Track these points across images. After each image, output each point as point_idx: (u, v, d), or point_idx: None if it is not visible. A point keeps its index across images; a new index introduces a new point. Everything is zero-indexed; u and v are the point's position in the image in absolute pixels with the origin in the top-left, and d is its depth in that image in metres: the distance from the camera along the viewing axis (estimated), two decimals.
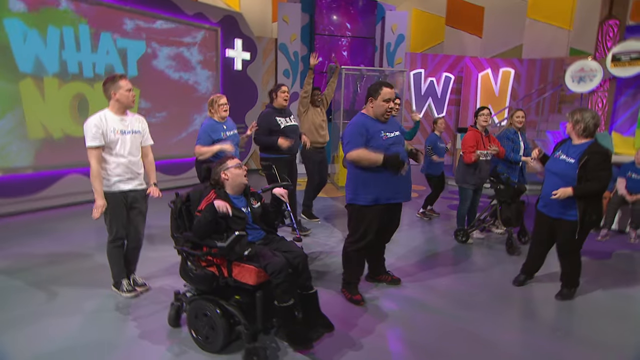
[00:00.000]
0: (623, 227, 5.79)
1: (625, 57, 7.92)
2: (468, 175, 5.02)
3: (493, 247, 5.08)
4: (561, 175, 3.44)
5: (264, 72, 9.98)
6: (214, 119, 4.23)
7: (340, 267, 4.19)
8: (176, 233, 2.80)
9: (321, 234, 5.34)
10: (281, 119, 4.84)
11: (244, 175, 2.88)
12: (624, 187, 5.58)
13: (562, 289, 3.74)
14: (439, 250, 4.90)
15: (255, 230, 2.87)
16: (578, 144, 3.45)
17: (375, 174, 3.22)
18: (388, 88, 3.25)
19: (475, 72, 11.45)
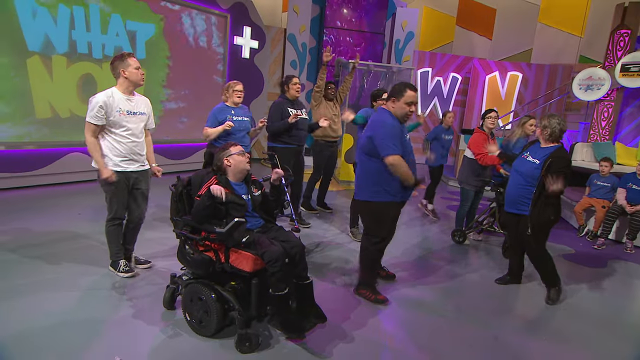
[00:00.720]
0: (620, 237, 5.81)
1: (634, 68, 7.89)
2: (471, 177, 5.03)
3: (489, 250, 5.11)
4: (525, 175, 3.67)
5: (272, 62, 9.97)
6: (225, 103, 4.29)
7: (337, 259, 4.26)
8: (176, 216, 2.82)
9: (319, 226, 5.36)
10: (293, 110, 4.89)
11: (246, 162, 2.89)
12: (623, 198, 5.59)
13: (548, 292, 3.81)
14: (435, 249, 4.93)
15: (255, 218, 2.89)
16: (545, 147, 3.70)
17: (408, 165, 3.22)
18: (412, 91, 3.20)
19: (482, 74, 11.43)
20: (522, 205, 3.70)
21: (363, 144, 3.25)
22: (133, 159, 3.32)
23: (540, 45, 11.46)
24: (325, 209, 6.00)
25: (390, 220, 3.36)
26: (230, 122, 4.24)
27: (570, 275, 4.54)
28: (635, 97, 8.52)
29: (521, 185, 3.70)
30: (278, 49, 9.97)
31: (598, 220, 5.75)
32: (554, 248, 5.34)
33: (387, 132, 3.11)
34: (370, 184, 3.24)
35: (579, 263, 4.93)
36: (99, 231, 4.36)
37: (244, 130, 4.34)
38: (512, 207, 3.80)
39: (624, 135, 8.72)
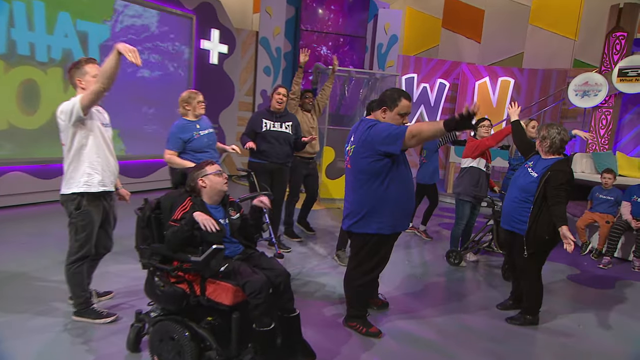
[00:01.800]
0: (626, 255, 5.99)
1: (632, 73, 8.24)
2: (469, 187, 5.12)
3: (488, 271, 5.18)
4: (522, 189, 3.71)
5: (243, 68, 10.00)
6: (185, 119, 4.21)
7: (323, 287, 4.25)
8: (142, 244, 2.77)
9: (301, 250, 5.35)
10: (268, 122, 4.91)
11: (224, 184, 2.88)
12: (628, 212, 5.77)
13: (521, 315, 3.86)
14: (430, 273, 4.97)
15: (233, 244, 2.86)
16: (545, 159, 3.74)
17: (397, 195, 3.10)
18: (407, 100, 3.07)
19: (472, 80, 11.71)
20: (516, 222, 3.75)
21: (361, 163, 3.10)
22: (111, 176, 3.24)
23: (532, 48, 11.86)
24: (308, 230, 5.98)
25: (383, 254, 3.33)
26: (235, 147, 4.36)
27: (577, 298, 4.64)
28: (634, 103, 8.88)
29: (516, 199, 3.74)
30: (249, 54, 10.02)
31: (602, 237, 5.91)
32: (558, 268, 5.46)
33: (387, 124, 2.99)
34: (366, 213, 3.13)
35: (585, 284, 5.05)
36: (48, 265, 4.24)
37: (213, 143, 4.32)
38: (506, 223, 3.87)
39: (624, 144, 9.06)
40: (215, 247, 2.51)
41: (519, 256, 3.77)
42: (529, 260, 3.72)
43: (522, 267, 3.82)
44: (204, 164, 2.92)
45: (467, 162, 5.20)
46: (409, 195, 3.18)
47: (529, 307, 3.86)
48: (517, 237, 3.77)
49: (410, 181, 3.19)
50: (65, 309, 3.43)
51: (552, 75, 11.33)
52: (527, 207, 3.68)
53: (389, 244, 3.30)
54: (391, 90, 3.17)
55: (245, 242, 2.95)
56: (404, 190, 3.13)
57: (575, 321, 4.00)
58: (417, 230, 6.52)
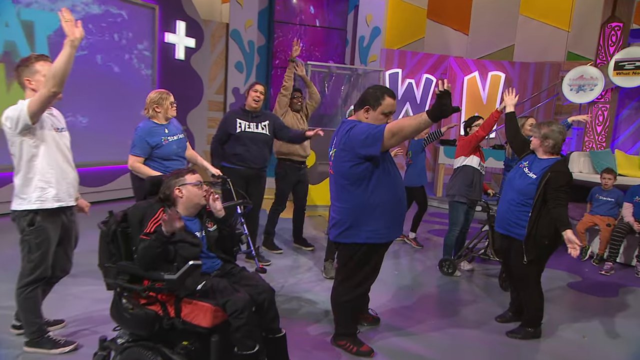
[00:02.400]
0: (629, 259, 6.13)
1: (629, 65, 8.46)
2: (464, 187, 5.16)
3: (485, 281, 5.23)
4: (519, 191, 3.75)
5: (212, 64, 9.91)
6: (153, 121, 4.12)
7: (309, 303, 4.23)
8: (108, 263, 2.69)
9: (284, 262, 5.32)
10: (242, 122, 4.87)
11: (202, 197, 2.84)
12: (631, 214, 5.90)
13: (521, 329, 3.91)
14: (422, 284, 4.98)
15: (211, 260, 2.82)
16: (543, 159, 3.79)
17: (385, 200, 3.08)
18: (391, 98, 3.06)
19: (460, 75, 11.87)
20: (513, 227, 3.79)
21: (342, 168, 3.11)
22: (69, 188, 3.11)
23: (524, 40, 12.08)
24: (306, 247, 5.91)
25: (373, 266, 3.31)
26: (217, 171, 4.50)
27: (579, 307, 4.71)
28: (631, 98, 9.12)
29: (513, 202, 3.78)
30: (219, 48, 9.94)
31: (603, 241, 6.04)
32: (557, 275, 5.55)
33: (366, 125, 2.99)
34: (353, 221, 3.12)
35: (586, 292, 5.13)
36: None
37: (182, 150, 4.25)
38: (501, 227, 3.91)
39: (622, 141, 9.29)
40: (192, 264, 2.46)
41: (517, 263, 3.81)
42: (528, 267, 3.76)
43: (520, 275, 3.86)
44: (184, 171, 2.88)
45: (460, 160, 5.25)
46: (398, 200, 3.17)
47: (530, 318, 3.89)
48: (514, 242, 3.81)
49: (398, 184, 3.19)
50: (15, 340, 3.29)
51: (545, 69, 11.55)
52: (525, 211, 3.71)
53: (379, 254, 3.29)
54: (374, 88, 3.16)
55: (224, 257, 2.91)
56: (392, 194, 3.12)
57: (579, 332, 4.06)
58: (407, 238, 6.55)
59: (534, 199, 3.66)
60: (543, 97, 11.35)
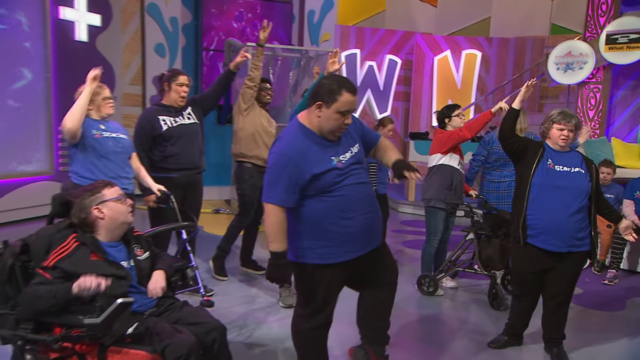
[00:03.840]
0: (634, 265, 6.39)
1: (622, 39, 8.82)
2: (442, 190, 5.23)
3: (472, 300, 5.32)
4: (580, 191, 3.86)
5: (125, 47, 9.65)
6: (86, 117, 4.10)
7: (266, 339, 4.21)
8: (3, 309, 2.64)
9: (233, 290, 5.27)
10: (167, 118, 4.77)
11: (128, 213, 2.82)
12: (633, 212, 6.15)
13: (554, 349, 4.09)
14: (400, 307, 4.97)
15: (143, 295, 2.79)
16: (569, 152, 4.00)
17: (320, 214, 3.05)
18: (351, 94, 3.00)
19: (429, 55, 12.08)
20: (580, 239, 3.88)
21: None
22: None
23: (501, 12, 12.43)
24: (256, 270, 5.84)
25: (326, 291, 3.23)
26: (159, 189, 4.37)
27: (582, 324, 4.87)
28: (626, 77, 9.52)
29: (577, 208, 3.83)
30: (133, 27, 9.69)
31: (604, 245, 6.27)
32: None
33: (271, 164, 3.03)
34: (292, 234, 3.12)
35: (589, 306, 5.32)
36: None
37: (123, 152, 4.16)
38: (563, 243, 3.87)
39: (617, 127, 9.69)
40: (121, 302, 2.42)
41: (573, 279, 4.02)
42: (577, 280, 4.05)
43: (568, 294, 4.08)
44: (99, 185, 2.83)
45: (435, 158, 5.32)
46: (347, 212, 3.09)
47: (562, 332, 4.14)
48: (573, 256, 3.92)
49: (355, 194, 3.11)
50: None
51: (527, 45, 11.92)
52: (585, 214, 3.90)
53: (327, 279, 3.19)
54: (330, 79, 3.09)
55: None
56: (339, 206, 3.07)
57: (587, 354, 4.20)
58: None
59: (590, 198, 3.89)
60: (526, 78, 11.64)
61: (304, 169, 2.93)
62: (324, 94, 3.00)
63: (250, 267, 5.88)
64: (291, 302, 4.81)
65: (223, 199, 9.66)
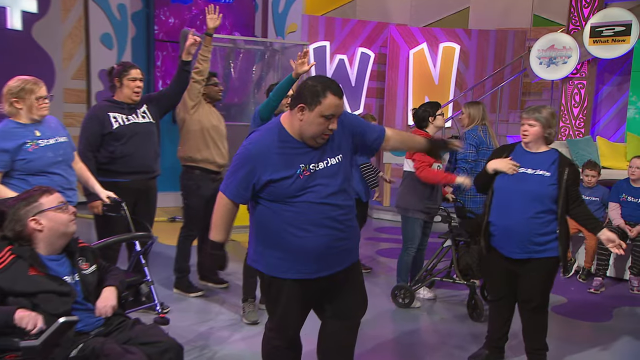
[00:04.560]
0: (621, 273, 6.52)
1: (607, 31, 9.01)
2: (419, 198, 5.25)
3: (450, 311, 5.37)
4: (540, 197, 3.89)
5: (66, 37, 9.49)
6: (13, 120, 3.96)
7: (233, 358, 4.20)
8: None
9: (191, 305, 5.25)
10: (118, 116, 4.70)
11: (70, 222, 2.78)
12: (619, 216, 6.30)
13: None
14: (373, 320, 4.97)
15: (90, 313, 2.77)
16: (539, 152, 4.02)
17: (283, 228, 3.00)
18: (336, 97, 2.94)
19: (404, 48, 12.17)
20: (537, 245, 3.91)
21: None
22: None
23: (480, 2, 12.60)
24: (216, 283, 5.83)
25: (284, 305, 3.19)
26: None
27: (567, 336, 4.95)
28: (612, 72, 9.71)
29: (533, 213, 3.88)
30: (76, 14, 9.52)
31: (589, 252, 6.38)
32: None
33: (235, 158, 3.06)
34: (250, 235, 3.17)
35: (574, 317, 5.41)
36: None
37: (64, 159, 4.06)
38: (515, 250, 3.96)
39: (603, 125, 9.87)
40: (63, 321, 2.40)
41: (542, 288, 4.02)
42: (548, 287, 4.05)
43: (544, 302, 4.09)
44: (36, 193, 2.79)
45: (410, 164, 5.33)
46: (299, 230, 3.01)
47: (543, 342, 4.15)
48: (536, 263, 3.95)
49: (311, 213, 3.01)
50: None
51: (509, 38, 12.10)
52: (549, 220, 3.91)
53: (285, 294, 3.16)
54: (314, 80, 3.03)
55: None
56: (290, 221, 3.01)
57: None
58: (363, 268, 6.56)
59: (557, 202, 3.89)
60: (507, 73, 11.86)
61: (260, 171, 2.93)
62: (307, 96, 2.92)
63: (209, 280, 5.86)
64: (255, 318, 4.81)
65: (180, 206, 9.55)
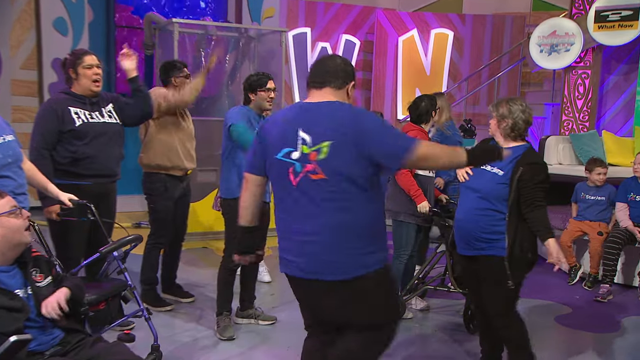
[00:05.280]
0: (629, 279, 6.56)
1: (613, 16, 9.04)
2: (410, 201, 5.23)
3: (445, 323, 5.38)
4: (485, 194, 3.94)
5: (14, 21, 9.39)
6: None
7: None
8: None
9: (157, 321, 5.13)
10: (80, 112, 4.66)
11: (24, 230, 2.76)
12: (627, 217, 6.33)
13: None
14: None
15: (44, 331, 2.75)
16: (507, 147, 3.93)
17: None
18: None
19: (393, 35, 12.13)
20: (481, 242, 3.95)
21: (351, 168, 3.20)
22: None
23: None
24: (183, 297, 5.81)
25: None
26: None
27: (573, 349, 4.96)
28: (619, 60, 9.74)
29: (480, 210, 3.95)
30: None
31: (594, 255, 6.41)
32: (540, 307, 5.85)
33: None
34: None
35: (580, 328, 5.45)
36: None
37: (13, 161, 4.01)
38: (463, 245, 4.08)
39: (609, 118, 9.90)
40: (15, 340, 2.38)
41: (494, 292, 3.96)
42: (509, 294, 3.92)
43: (499, 309, 4.00)
44: None
45: None
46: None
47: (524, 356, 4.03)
48: (485, 263, 3.97)
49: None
50: None
51: (506, 24, 12.11)
52: (497, 218, 3.89)
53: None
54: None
55: (68, 324, 2.85)
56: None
57: None
58: None
59: (507, 202, 3.85)
60: (504, 62, 11.89)
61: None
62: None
63: (174, 293, 5.83)
64: (231, 333, 4.80)
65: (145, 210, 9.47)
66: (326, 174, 3.11)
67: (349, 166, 3.09)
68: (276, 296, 5.98)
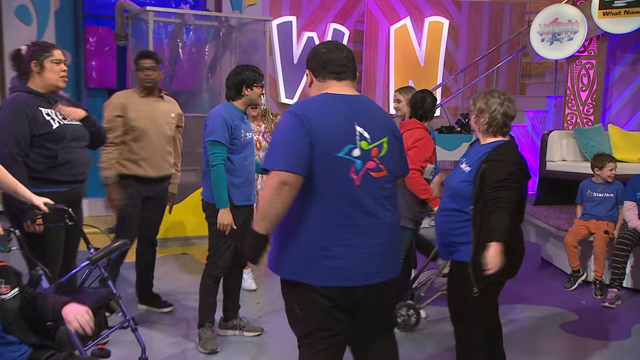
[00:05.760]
0: (639, 282, 6.56)
1: (619, 2, 9.05)
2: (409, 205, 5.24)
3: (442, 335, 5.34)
4: (452, 193, 3.98)
5: None
6: None
7: None
8: None
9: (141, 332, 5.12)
10: (51, 112, 4.58)
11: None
12: (636, 217, 6.33)
13: None
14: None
15: (10, 346, 2.73)
16: (483, 144, 4.01)
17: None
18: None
19: (384, 24, 12.12)
20: (448, 246, 3.95)
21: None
22: None
23: None
24: (160, 307, 5.80)
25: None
26: None
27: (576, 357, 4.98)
28: (625, 49, 9.74)
29: (446, 211, 3.97)
30: None
31: (598, 256, 6.40)
32: (544, 314, 5.84)
33: None
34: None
35: (587, 336, 5.44)
36: None
37: None
38: (441, 250, 4.14)
39: (615, 111, 9.92)
40: None
41: (458, 296, 3.97)
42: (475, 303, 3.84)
43: (458, 314, 4.03)
44: None
45: None
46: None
47: None
48: (456, 266, 3.98)
49: None
50: None
51: (505, 11, 12.13)
52: (461, 220, 3.85)
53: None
54: None
55: (36, 339, 2.82)
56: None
57: None
58: None
59: (472, 201, 3.79)
60: (503, 52, 11.92)
61: None
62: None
63: (151, 302, 5.81)
64: (214, 346, 4.79)
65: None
66: (387, 171, 3.23)
67: (396, 162, 3.28)
68: (262, 305, 5.95)
